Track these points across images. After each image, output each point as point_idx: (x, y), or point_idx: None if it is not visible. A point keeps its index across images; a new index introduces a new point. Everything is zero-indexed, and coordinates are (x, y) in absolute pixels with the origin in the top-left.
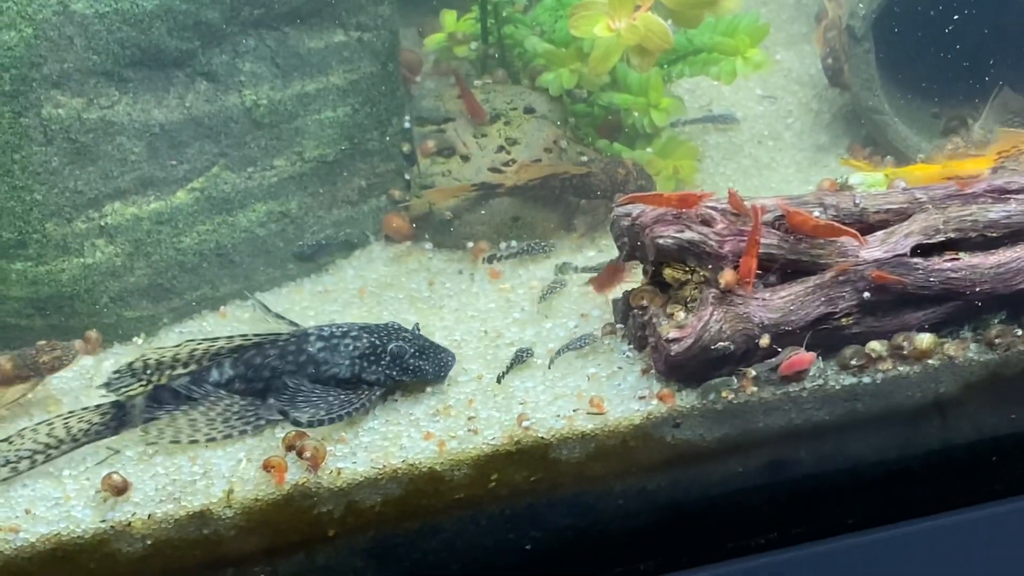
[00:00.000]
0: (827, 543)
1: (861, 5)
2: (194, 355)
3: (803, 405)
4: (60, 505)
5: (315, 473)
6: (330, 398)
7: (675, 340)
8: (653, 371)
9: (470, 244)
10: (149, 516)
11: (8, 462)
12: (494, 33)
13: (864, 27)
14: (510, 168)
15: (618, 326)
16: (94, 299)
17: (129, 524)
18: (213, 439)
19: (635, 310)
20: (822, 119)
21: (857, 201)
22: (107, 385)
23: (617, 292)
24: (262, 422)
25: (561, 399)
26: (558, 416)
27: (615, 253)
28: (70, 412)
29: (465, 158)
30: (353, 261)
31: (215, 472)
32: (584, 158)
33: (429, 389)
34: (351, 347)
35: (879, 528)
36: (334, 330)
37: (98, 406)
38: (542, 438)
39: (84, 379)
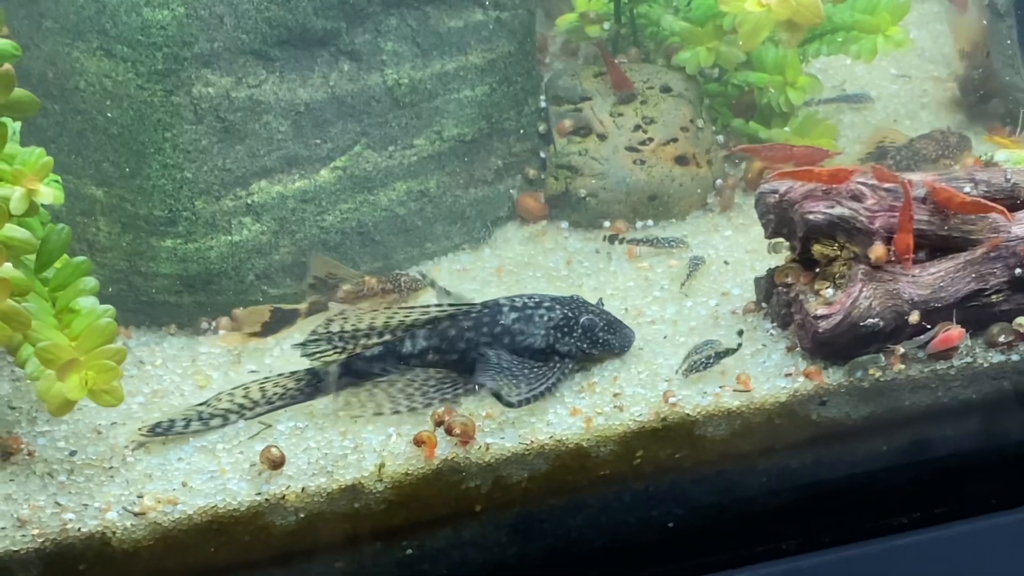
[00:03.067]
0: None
1: None
2: (388, 325)
3: (950, 383)
4: (216, 478)
5: (465, 448)
6: (526, 371)
7: (823, 317)
8: (798, 348)
9: (607, 223)
10: (303, 489)
11: (201, 418)
12: (627, 12)
13: (1007, 3)
14: (647, 147)
15: (762, 305)
16: (241, 276)
17: (283, 497)
18: (414, 409)
19: (779, 287)
20: (958, 97)
21: (1009, 176)
22: (303, 346)
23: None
24: (460, 392)
25: (706, 377)
26: (704, 393)
27: (753, 232)
28: (265, 377)
29: (602, 137)
30: (491, 241)
31: (366, 446)
32: (720, 137)
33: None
34: (545, 318)
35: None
36: (527, 300)
37: (293, 372)
38: (688, 415)
39: (232, 355)
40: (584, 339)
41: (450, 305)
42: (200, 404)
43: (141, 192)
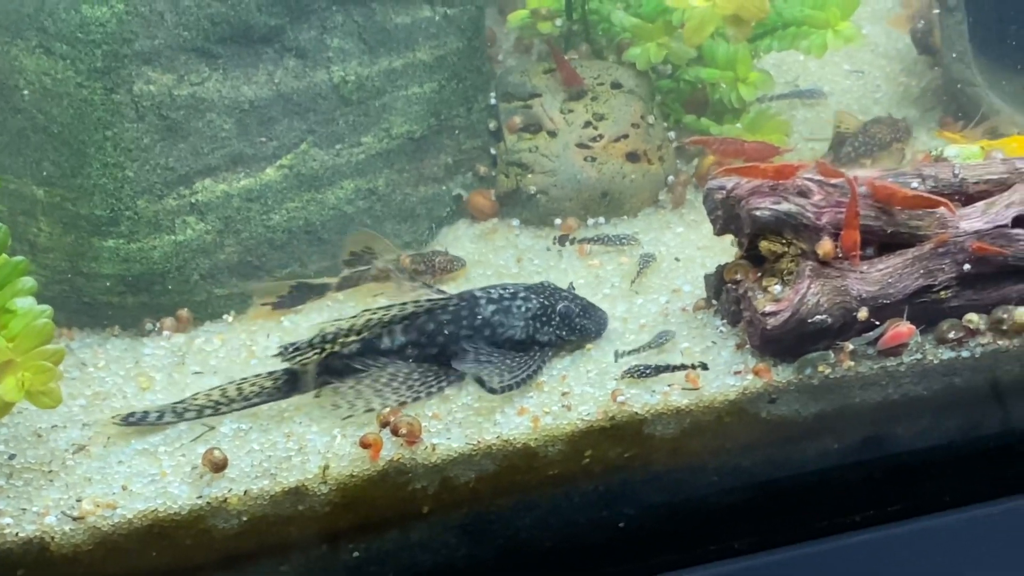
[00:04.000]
0: (826, 542)
1: None
2: (369, 324)
3: (900, 380)
4: (156, 481)
5: (411, 449)
6: (508, 360)
7: (772, 314)
8: (748, 346)
9: (558, 221)
10: (245, 492)
11: (175, 412)
12: (578, 8)
13: None
14: (598, 144)
15: (712, 302)
16: (185, 276)
17: (225, 500)
18: (404, 403)
19: (728, 284)
20: (911, 93)
21: (956, 172)
22: (280, 355)
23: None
24: (444, 384)
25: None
26: (653, 392)
27: (704, 229)
28: (243, 378)
29: (552, 134)
30: (439, 238)
31: (310, 448)
32: (671, 134)
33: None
34: (523, 308)
35: (880, 527)
36: (502, 292)
37: (271, 372)
38: (637, 414)
39: (175, 357)
40: (563, 327)
41: (427, 300)
42: (176, 402)
43: (82, 191)
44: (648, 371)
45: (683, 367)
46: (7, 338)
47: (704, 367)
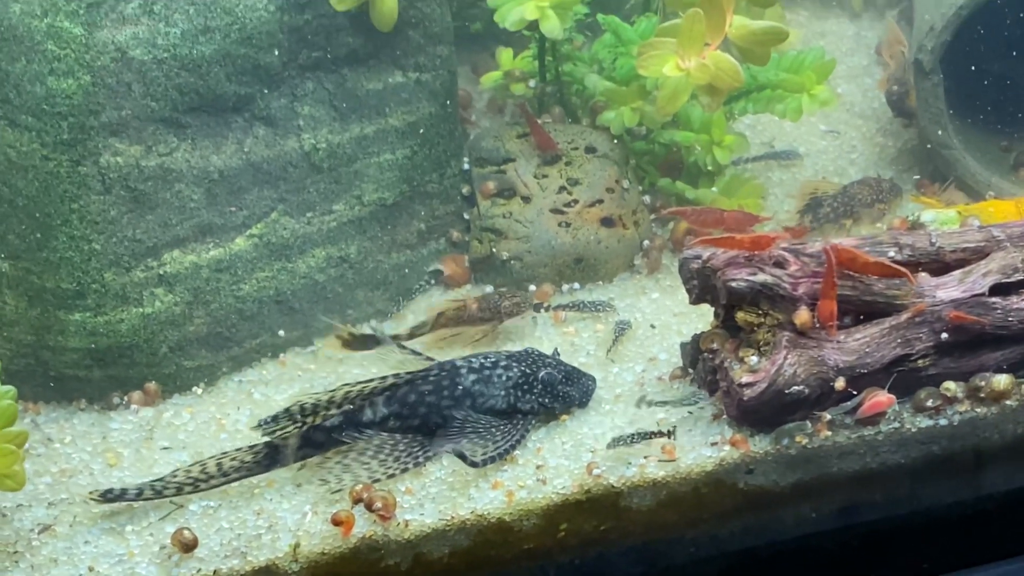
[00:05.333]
0: None
1: (928, 39)
2: (349, 396)
3: (878, 449)
4: (124, 562)
5: (385, 525)
6: (493, 429)
7: (748, 385)
8: (725, 416)
9: (532, 287)
10: (215, 572)
11: (154, 489)
12: (552, 71)
13: (932, 61)
14: (573, 209)
15: (688, 371)
16: (153, 349)
17: None
18: (392, 475)
19: (705, 354)
20: (887, 153)
21: (934, 240)
22: (259, 427)
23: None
24: (430, 454)
25: (631, 446)
26: (629, 464)
27: (680, 295)
28: (223, 452)
29: (526, 199)
30: (412, 306)
31: (281, 526)
32: (646, 198)
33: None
34: (504, 377)
35: None
36: (483, 361)
37: (252, 446)
38: (613, 486)
39: (144, 431)
40: (545, 394)
41: (407, 373)
42: (155, 480)
43: (48, 265)
44: (633, 438)
45: (660, 434)
46: None
47: (671, 434)
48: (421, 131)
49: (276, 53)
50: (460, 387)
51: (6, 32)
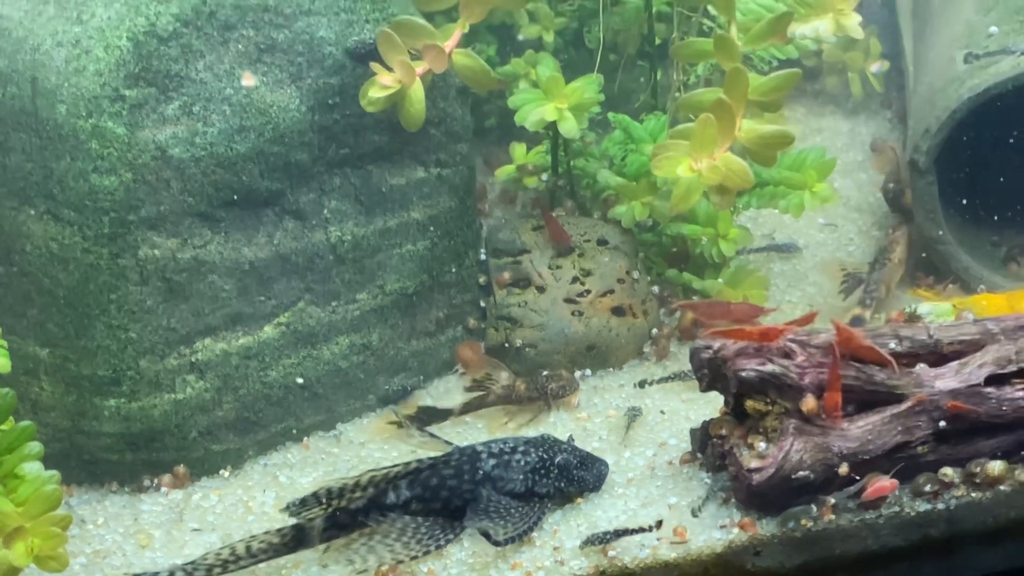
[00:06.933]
0: None
1: (924, 140)
2: (373, 480)
3: (879, 532)
4: None
5: None
6: (513, 511)
7: (756, 470)
8: (733, 500)
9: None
10: None
11: (186, 572)
12: (563, 165)
13: (927, 161)
14: (585, 299)
15: (697, 455)
16: (184, 434)
17: None
18: (415, 557)
19: (714, 439)
20: (883, 246)
21: (932, 333)
22: (287, 510)
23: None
24: (451, 536)
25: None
26: (642, 546)
27: (689, 381)
28: (252, 536)
29: (541, 289)
30: (431, 391)
31: None
32: (655, 287)
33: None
34: (522, 462)
35: None
36: (502, 446)
37: (279, 529)
38: (627, 567)
39: (174, 513)
40: (561, 478)
41: (429, 458)
42: (186, 563)
43: (86, 352)
44: (608, 536)
45: (641, 530)
46: (16, 503)
47: (659, 525)
48: (441, 224)
49: (306, 151)
50: (480, 471)
51: (52, 131)
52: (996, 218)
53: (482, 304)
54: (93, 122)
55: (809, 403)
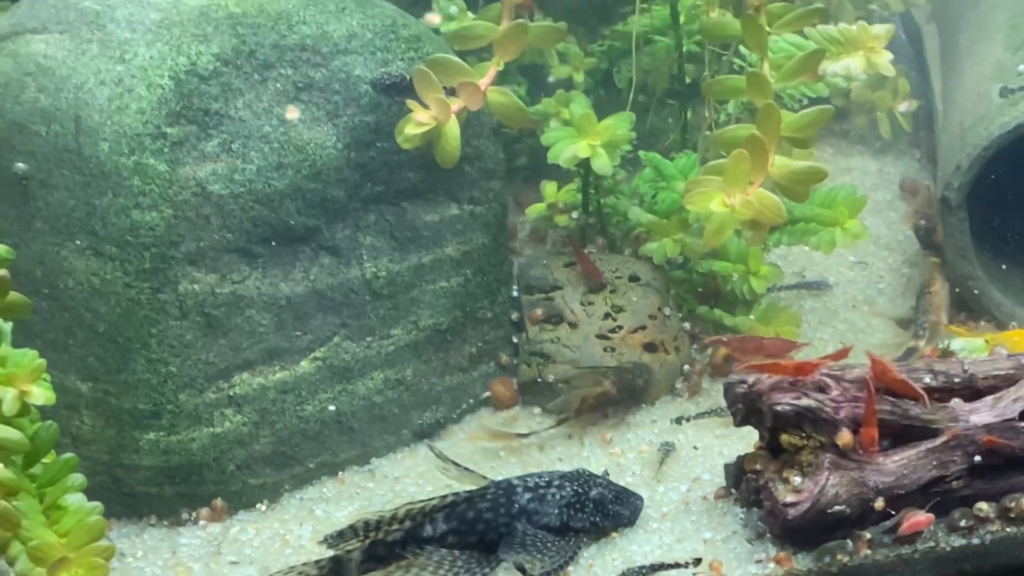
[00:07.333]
0: None
1: (955, 178)
2: (410, 513)
3: (915, 566)
4: None
5: None
6: (549, 545)
7: (792, 504)
8: (768, 535)
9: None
10: None
11: None
12: (594, 203)
13: (958, 198)
14: (617, 335)
15: (732, 491)
16: (222, 467)
17: None
18: None
19: (749, 474)
20: (914, 284)
21: (966, 368)
22: (324, 542)
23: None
24: (487, 570)
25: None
26: None
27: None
28: (290, 568)
29: (573, 325)
30: (464, 426)
31: None
32: (686, 324)
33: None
34: (557, 496)
35: None
36: (538, 480)
37: (317, 560)
38: None
39: (212, 546)
40: (596, 513)
41: (465, 492)
42: None
43: (126, 386)
44: (644, 571)
45: (677, 565)
46: (59, 534)
47: (698, 562)
48: (474, 260)
49: (343, 188)
50: (516, 505)
51: (95, 168)
52: None
53: (514, 340)
54: (135, 159)
55: (845, 437)
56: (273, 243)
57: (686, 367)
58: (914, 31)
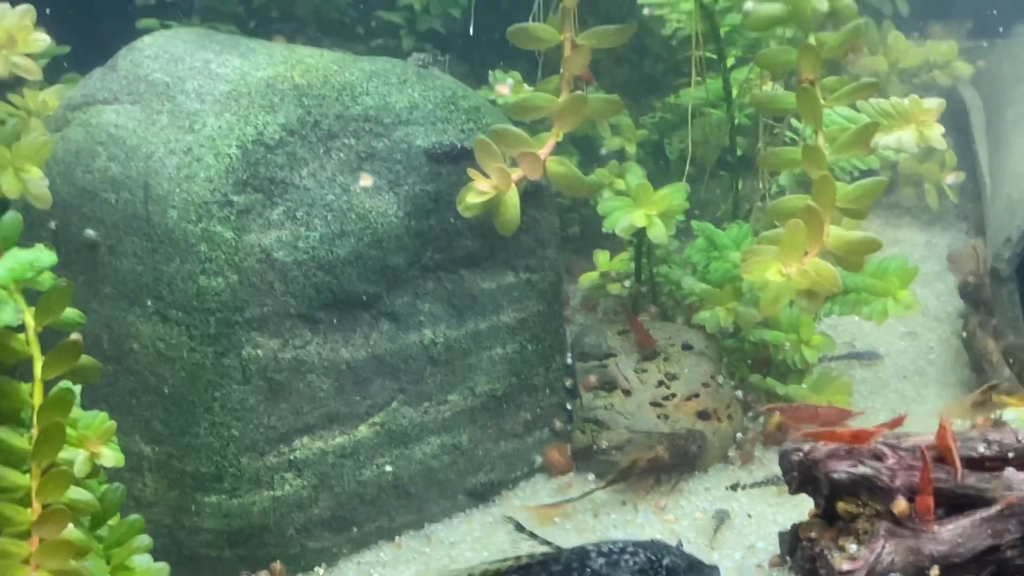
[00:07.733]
0: None
1: (1005, 249)
2: (486, 574)
3: None
4: None
5: None
6: None
7: (848, 572)
8: None
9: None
10: None
11: None
12: (646, 272)
13: (1008, 269)
14: (671, 402)
15: (786, 559)
16: (282, 530)
17: None
18: None
19: (804, 542)
20: (963, 355)
21: (1020, 438)
22: None
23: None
24: None
25: None
26: None
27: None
28: None
29: (627, 392)
30: (519, 492)
31: None
32: (738, 393)
33: None
34: (631, 562)
35: None
36: (612, 547)
37: None
38: None
39: None
40: None
41: (540, 555)
42: None
43: (189, 449)
44: None
45: None
46: None
47: None
48: (530, 327)
49: (403, 255)
50: (589, 569)
51: (163, 235)
52: None
53: (568, 407)
54: (203, 226)
55: (900, 505)
56: (334, 309)
57: (739, 435)
58: (959, 103)
